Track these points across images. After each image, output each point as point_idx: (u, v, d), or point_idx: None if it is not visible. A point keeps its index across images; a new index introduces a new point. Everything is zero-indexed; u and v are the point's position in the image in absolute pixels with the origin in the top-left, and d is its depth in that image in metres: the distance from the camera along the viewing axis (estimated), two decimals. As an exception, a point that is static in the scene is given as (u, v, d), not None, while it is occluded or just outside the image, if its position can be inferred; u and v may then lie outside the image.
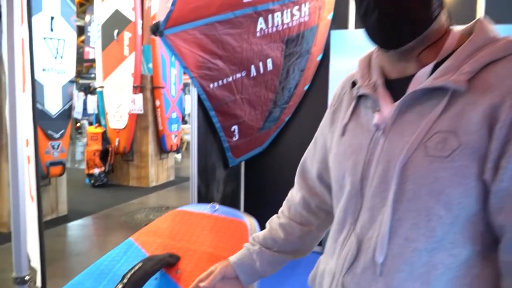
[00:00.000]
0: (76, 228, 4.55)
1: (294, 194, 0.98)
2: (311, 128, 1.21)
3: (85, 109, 7.95)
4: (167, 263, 1.03)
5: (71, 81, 4.62)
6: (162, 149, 6.63)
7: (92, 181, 6.33)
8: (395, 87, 0.71)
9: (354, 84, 0.79)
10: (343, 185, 0.75)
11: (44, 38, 4.21)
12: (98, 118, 6.89)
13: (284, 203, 0.99)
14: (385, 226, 0.65)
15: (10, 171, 1.68)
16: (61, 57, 4.42)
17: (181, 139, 8.20)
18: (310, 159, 0.94)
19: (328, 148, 0.84)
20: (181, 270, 1.04)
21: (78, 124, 13.02)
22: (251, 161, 3.41)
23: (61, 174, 4.66)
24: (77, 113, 5.46)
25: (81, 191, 6.05)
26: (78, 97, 5.46)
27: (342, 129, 0.78)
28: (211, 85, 2.64)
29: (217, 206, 1.25)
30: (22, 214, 1.66)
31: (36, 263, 1.92)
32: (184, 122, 10.31)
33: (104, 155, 6.33)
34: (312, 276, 0.88)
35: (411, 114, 0.67)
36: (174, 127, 6.69)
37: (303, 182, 0.95)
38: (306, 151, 0.95)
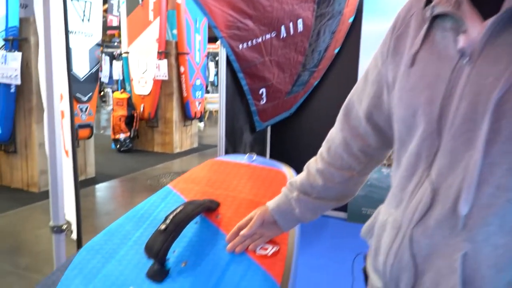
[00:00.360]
0: (104, 189, 4.68)
1: (334, 135, 0.88)
2: (340, 93, 1.14)
3: (110, 77, 8.01)
4: (207, 208, 1.03)
5: (98, 45, 4.64)
6: (186, 115, 6.67)
7: (118, 146, 6.46)
8: (485, 2, 0.59)
9: (428, 2, 0.66)
10: (413, 125, 0.65)
11: (72, 0, 4.21)
12: (123, 84, 6.94)
13: (324, 143, 0.90)
14: (474, 172, 0.56)
15: (46, 124, 1.70)
16: (88, 20, 4.42)
17: (204, 108, 8.21)
18: (358, 95, 0.83)
19: (389, 82, 0.73)
20: (221, 215, 1.04)
21: (102, 93, 13.17)
22: (277, 126, 3.39)
23: (89, 137, 4.77)
24: (104, 76, 5.51)
25: (107, 156, 6.19)
26: (105, 61, 5.49)
27: (412, 58, 0.66)
28: (240, 46, 2.59)
29: (255, 156, 1.25)
30: (59, 164, 1.70)
31: (71, 216, 1.98)
32: (207, 91, 10.28)
33: (129, 120, 6.42)
34: (367, 227, 0.81)
35: (508, 35, 0.55)
36: (198, 94, 6.69)
37: (346, 121, 0.85)
38: (354, 88, 0.86)
